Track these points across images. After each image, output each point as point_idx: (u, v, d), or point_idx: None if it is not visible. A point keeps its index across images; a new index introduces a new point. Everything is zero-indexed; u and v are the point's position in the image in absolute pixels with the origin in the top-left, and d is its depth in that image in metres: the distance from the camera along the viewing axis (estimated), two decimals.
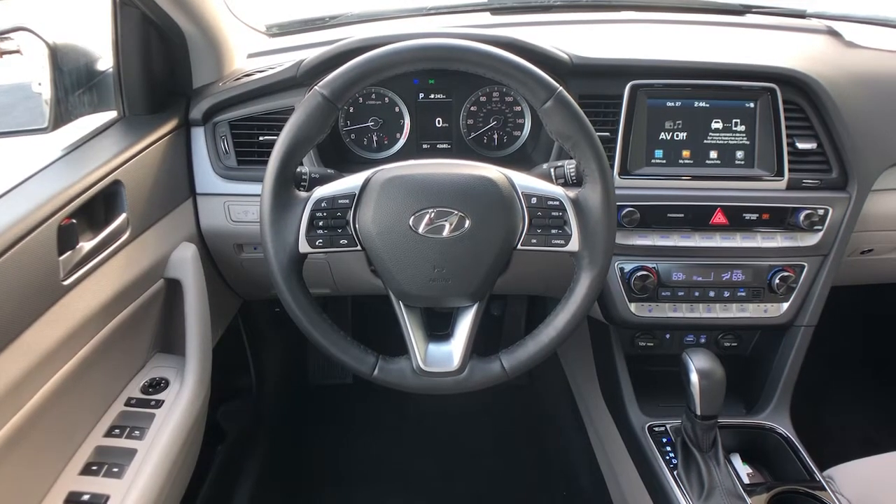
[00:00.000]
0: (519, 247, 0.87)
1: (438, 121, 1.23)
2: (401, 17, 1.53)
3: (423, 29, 1.43)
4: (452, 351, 0.90)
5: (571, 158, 0.91)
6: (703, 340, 1.27)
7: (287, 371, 1.81)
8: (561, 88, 0.85)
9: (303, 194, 0.87)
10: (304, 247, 0.86)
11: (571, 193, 0.87)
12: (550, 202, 0.86)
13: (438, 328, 0.94)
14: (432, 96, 1.22)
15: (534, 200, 0.87)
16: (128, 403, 0.99)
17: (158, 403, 0.99)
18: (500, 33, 1.16)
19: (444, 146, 1.23)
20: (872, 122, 1.19)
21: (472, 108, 1.22)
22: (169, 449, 0.93)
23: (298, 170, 0.94)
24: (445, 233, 0.85)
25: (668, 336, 1.26)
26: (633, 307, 1.15)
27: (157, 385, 1.03)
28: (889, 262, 1.35)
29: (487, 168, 0.88)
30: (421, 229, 0.85)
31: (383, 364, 0.90)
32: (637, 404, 1.20)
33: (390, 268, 0.87)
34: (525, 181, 0.88)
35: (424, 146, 1.23)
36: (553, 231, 0.86)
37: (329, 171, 1.01)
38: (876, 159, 1.18)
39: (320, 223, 0.86)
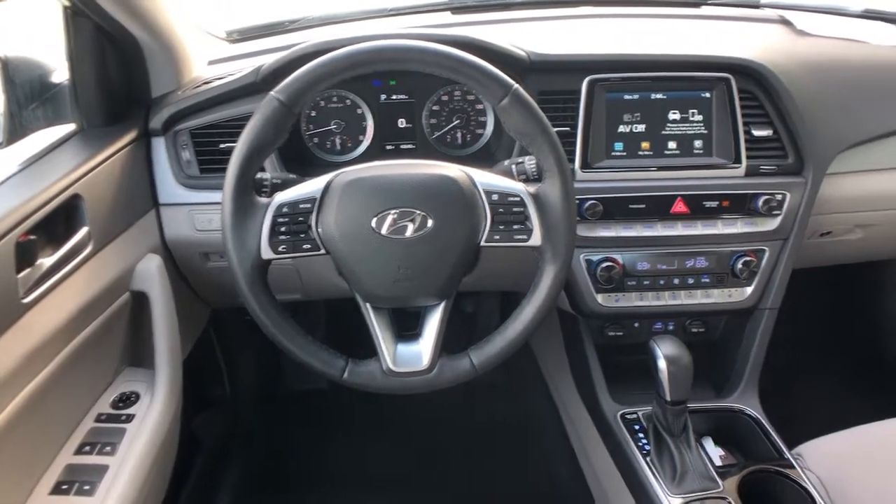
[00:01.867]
0: (483, 243, 0.88)
1: (401, 121, 1.23)
2: (362, 19, 1.53)
3: (384, 30, 1.43)
4: (421, 350, 0.91)
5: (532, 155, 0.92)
6: (671, 327, 1.29)
7: (262, 378, 1.80)
8: (516, 86, 0.86)
9: (264, 200, 0.87)
10: (266, 253, 0.86)
11: (532, 189, 0.89)
12: (511, 198, 0.88)
13: (407, 328, 0.95)
14: (394, 97, 1.22)
15: (495, 197, 0.88)
16: (98, 419, 0.98)
17: (129, 418, 0.98)
18: (459, 33, 1.17)
19: (409, 147, 1.24)
20: (824, 108, 1.22)
21: (434, 108, 1.23)
22: (142, 463, 0.93)
23: (259, 176, 0.94)
24: (409, 233, 0.85)
25: (636, 325, 1.28)
26: (600, 298, 1.17)
27: (128, 399, 1.02)
28: (847, 243, 1.38)
29: (448, 167, 0.89)
30: (384, 230, 0.85)
31: (353, 367, 0.90)
32: (609, 393, 1.22)
33: (355, 270, 0.87)
34: (486, 178, 0.89)
35: (388, 147, 1.24)
36: (515, 227, 0.88)
37: (291, 175, 1.01)
38: (829, 144, 1.21)
39: (282, 229, 0.86)
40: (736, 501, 1.01)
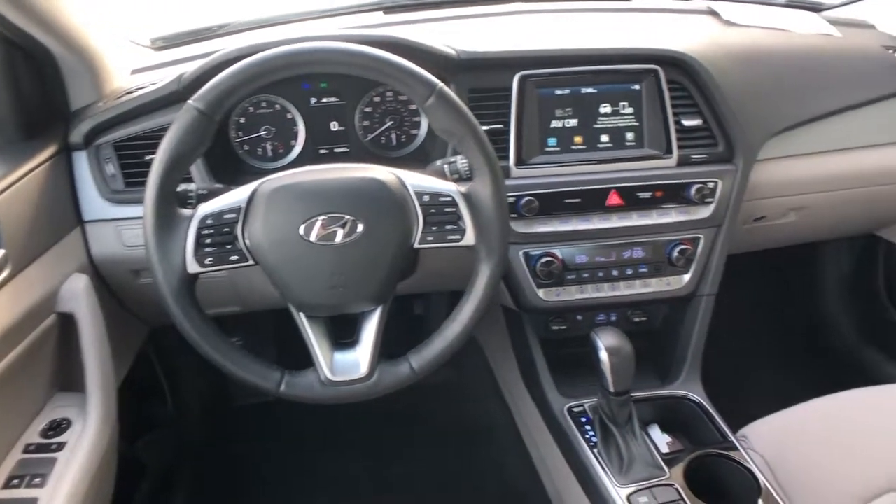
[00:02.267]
0: (416, 245, 0.87)
1: (334, 125, 1.21)
2: (292, 22, 1.50)
3: (315, 32, 1.41)
4: (360, 357, 0.89)
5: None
6: (613, 318, 1.30)
7: (208, 394, 1.76)
8: (441, 84, 0.85)
9: (187, 212, 0.85)
10: (193, 267, 0.83)
11: (463, 188, 0.88)
12: (442, 199, 0.87)
13: (347, 335, 0.93)
14: (325, 100, 1.21)
15: (426, 198, 0.87)
16: (26, 450, 0.93)
17: (60, 446, 0.94)
18: (390, 33, 1.16)
19: (342, 150, 1.22)
20: (751, 96, 1.24)
21: (366, 110, 1.21)
22: (75, 492, 0.89)
23: (184, 187, 0.91)
24: (339, 239, 0.84)
25: (579, 317, 1.28)
26: (541, 293, 1.17)
27: (58, 427, 0.98)
28: (781, 227, 1.41)
29: (377, 169, 0.88)
30: (313, 237, 0.84)
31: (290, 378, 0.89)
32: (555, 387, 1.22)
33: (286, 279, 0.86)
34: (416, 180, 0.88)
35: (322, 152, 1.22)
36: (448, 227, 0.87)
37: (218, 185, 0.98)
38: (757, 131, 1.24)
39: (208, 241, 0.84)
40: (682, 487, 1.02)
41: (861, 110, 1.36)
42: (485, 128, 1.11)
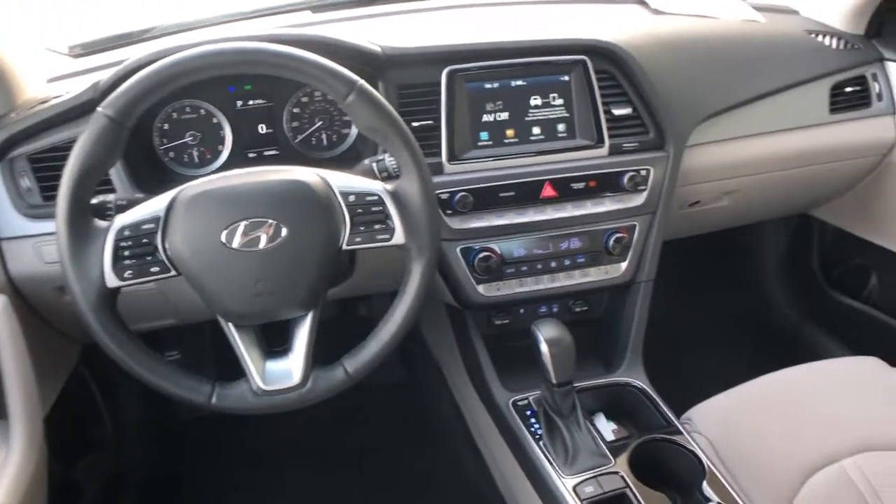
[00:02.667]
0: (345, 247, 0.86)
1: (261, 127, 1.19)
2: (219, 24, 1.47)
3: (241, 34, 1.38)
4: (292, 365, 0.88)
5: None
6: (555, 310, 1.30)
7: (149, 411, 1.70)
8: (361, 81, 0.84)
9: (103, 224, 0.82)
10: (111, 281, 0.80)
11: (390, 186, 0.87)
12: (369, 198, 0.85)
13: (281, 342, 0.91)
14: (251, 102, 1.18)
15: (352, 198, 0.85)
16: None
17: None
18: (318, 31, 1.14)
19: (272, 153, 1.19)
20: (679, 83, 1.26)
21: (294, 111, 1.19)
22: None
23: (102, 198, 0.88)
24: (262, 244, 0.82)
25: (522, 311, 1.28)
26: (481, 288, 1.17)
27: None
28: (716, 211, 1.44)
29: (300, 171, 0.86)
30: (235, 244, 0.81)
31: (220, 390, 0.86)
32: (499, 381, 1.22)
33: (211, 289, 0.83)
34: (341, 180, 0.86)
35: (251, 155, 1.19)
36: (376, 227, 0.86)
37: (139, 195, 0.95)
38: (686, 118, 1.26)
39: (126, 253, 0.81)
40: (627, 474, 1.03)
41: (787, 93, 1.39)
42: (415, 124, 1.12)
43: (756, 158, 1.39)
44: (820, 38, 1.50)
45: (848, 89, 1.46)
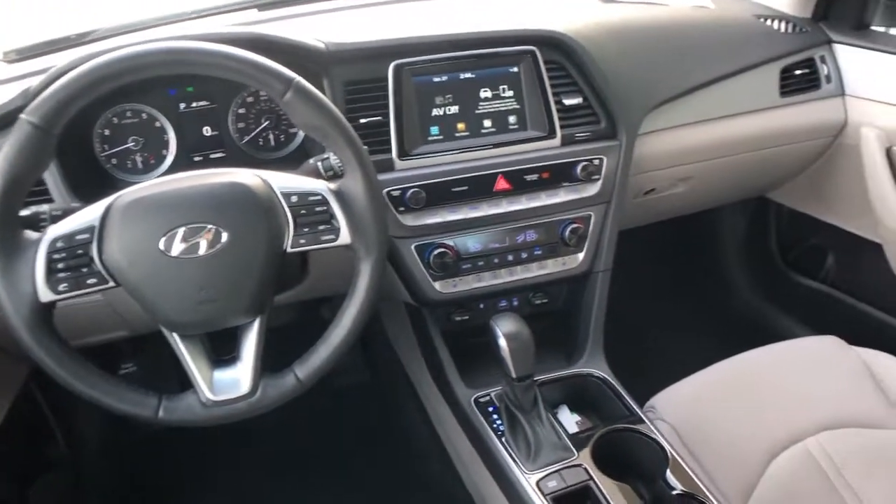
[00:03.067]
0: (289, 250, 0.83)
1: (206, 130, 1.15)
2: (161, 25, 1.43)
3: (186, 34, 1.34)
4: (241, 373, 0.85)
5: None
6: (515, 303, 1.29)
7: (105, 425, 1.66)
8: (298, 78, 0.81)
9: (34, 236, 0.78)
10: (46, 295, 0.77)
11: (333, 185, 0.85)
12: (312, 198, 0.83)
13: (230, 350, 0.89)
14: (194, 105, 1.14)
15: (294, 199, 0.83)
16: None
17: None
18: (263, 29, 1.11)
19: (218, 156, 1.16)
20: (629, 71, 1.25)
21: (240, 112, 1.16)
22: None
23: (35, 209, 0.85)
24: (202, 251, 0.79)
25: (481, 306, 1.27)
26: (437, 285, 1.15)
27: None
28: (672, 197, 1.44)
29: (239, 173, 0.83)
30: (174, 251, 0.78)
31: (168, 403, 0.84)
32: (461, 379, 1.21)
33: (151, 299, 0.80)
34: (283, 181, 0.84)
35: (197, 159, 1.16)
36: (321, 227, 0.84)
37: (75, 205, 0.91)
38: (637, 106, 1.25)
39: (60, 265, 0.77)
40: (591, 466, 1.02)
41: (737, 78, 1.40)
42: (363, 120, 1.10)
43: (709, 144, 1.39)
44: (768, 21, 1.51)
45: (797, 72, 1.47)
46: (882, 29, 1.54)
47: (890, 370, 1.23)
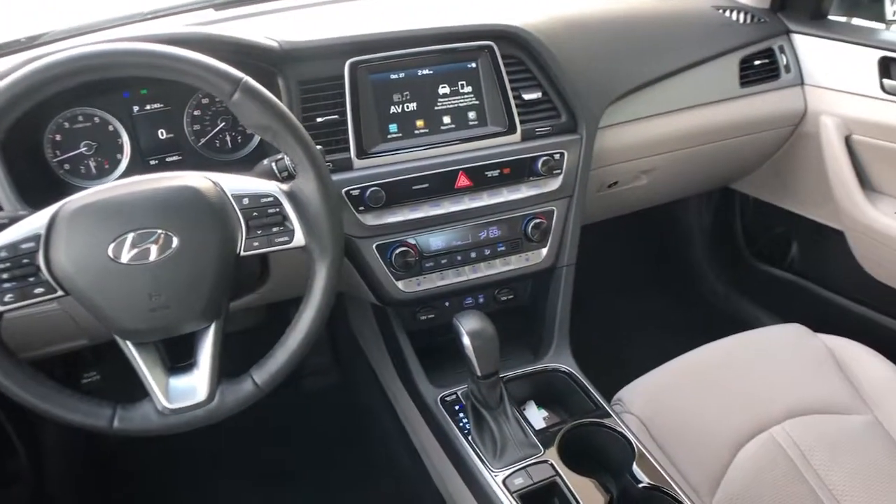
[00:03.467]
0: (243, 253, 0.82)
1: (162, 132, 1.13)
2: (115, 26, 1.40)
3: (140, 35, 1.32)
4: (198, 380, 0.84)
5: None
6: (481, 300, 1.29)
7: (69, 437, 1.62)
8: (246, 78, 0.80)
9: None
10: None
11: (286, 187, 0.83)
12: (264, 200, 0.82)
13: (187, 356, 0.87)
14: (148, 107, 1.12)
15: (246, 201, 0.82)
16: None
17: None
18: (218, 29, 1.09)
19: (175, 159, 1.14)
20: (588, 65, 1.25)
21: (195, 113, 1.14)
22: None
23: None
24: (153, 256, 0.77)
25: (447, 304, 1.26)
26: (401, 284, 1.14)
27: None
28: (635, 190, 1.45)
29: (189, 176, 0.81)
30: (124, 258, 0.77)
31: (123, 413, 0.82)
32: (427, 378, 1.20)
33: (102, 307, 0.78)
34: (235, 183, 0.83)
35: (152, 162, 1.13)
36: (274, 230, 0.82)
37: (22, 213, 0.89)
38: (597, 99, 1.25)
39: (5, 276, 0.75)
40: (557, 462, 1.02)
41: (697, 69, 1.41)
42: (320, 119, 1.08)
43: (671, 135, 1.40)
44: (727, 13, 1.52)
45: (757, 62, 1.48)
46: (839, 18, 1.56)
47: (854, 356, 1.25)
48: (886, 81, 1.36)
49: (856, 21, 1.54)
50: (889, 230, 1.39)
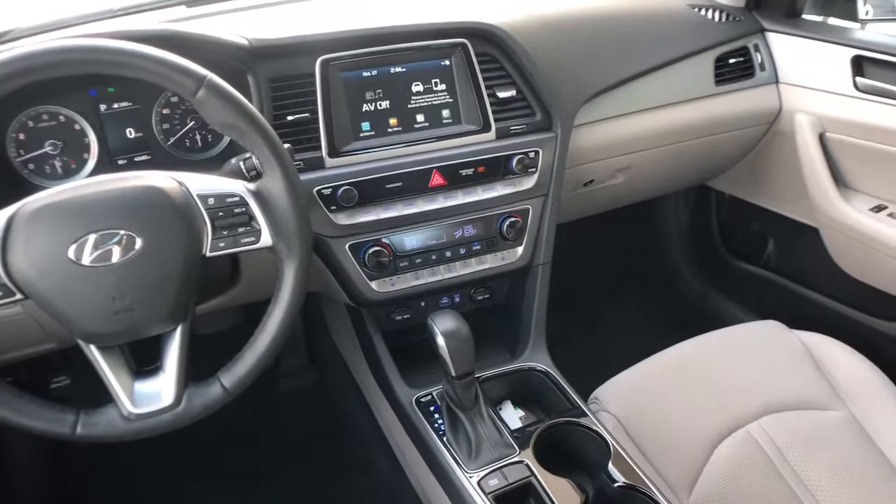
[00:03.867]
0: (208, 254, 0.80)
1: (130, 131, 1.11)
2: (84, 23, 1.37)
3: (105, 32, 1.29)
4: (164, 384, 0.82)
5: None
6: (457, 300, 1.28)
7: (36, 448, 1.59)
8: (210, 75, 0.78)
9: None
10: None
11: (252, 186, 0.82)
12: (230, 199, 0.80)
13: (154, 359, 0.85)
14: (116, 106, 1.10)
15: (211, 201, 0.80)
16: None
17: None
18: (179, 27, 1.07)
19: (144, 158, 1.12)
20: (563, 63, 1.25)
21: (164, 112, 1.12)
22: None
23: None
24: (116, 258, 0.75)
25: (422, 304, 1.25)
26: (374, 285, 1.12)
27: None
28: (611, 188, 1.45)
29: (154, 176, 0.80)
30: (86, 259, 0.75)
31: (86, 418, 0.80)
32: (402, 379, 1.19)
33: (64, 311, 0.76)
34: (200, 182, 0.81)
35: (121, 162, 1.11)
36: (241, 230, 0.81)
37: None
38: (572, 97, 1.25)
39: None
40: (533, 463, 1.01)
41: (673, 67, 1.41)
42: (291, 118, 1.07)
43: (646, 134, 1.40)
44: (702, 11, 1.52)
45: (732, 60, 1.49)
46: (813, 17, 1.57)
47: (829, 352, 1.26)
48: (859, 79, 1.37)
49: (829, 20, 1.55)
50: (862, 227, 1.40)
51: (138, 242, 0.76)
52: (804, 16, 1.57)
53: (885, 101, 1.33)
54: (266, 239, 0.82)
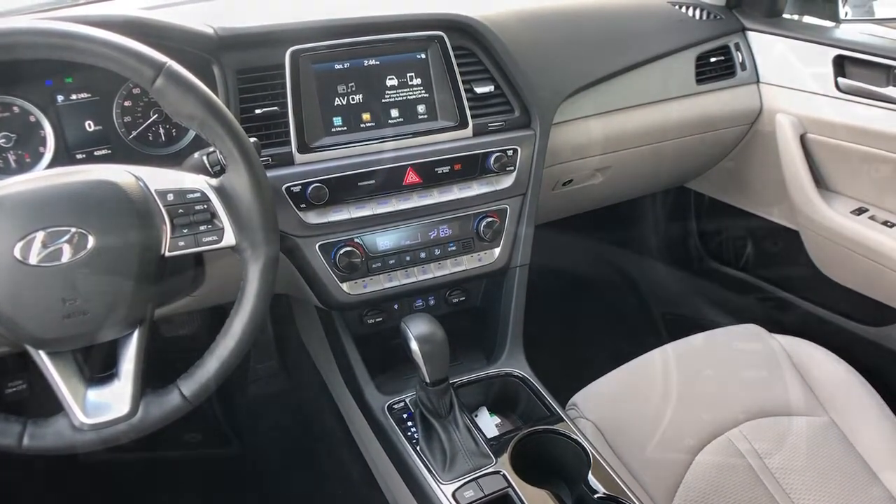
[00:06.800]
0: (167, 254, 0.76)
1: (89, 124, 1.05)
2: (46, 10, 1.31)
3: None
4: (119, 392, 0.77)
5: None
6: (432, 302, 1.24)
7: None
8: (169, 62, 0.73)
9: None
10: None
11: (215, 182, 0.77)
12: (191, 196, 0.76)
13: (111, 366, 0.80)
14: (74, 97, 1.04)
15: (171, 197, 0.75)
16: None
17: None
18: (153, 15, 1.01)
19: (104, 152, 1.06)
20: (542, 59, 1.22)
21: (125, 104, 1.06)
22: None
23: None
24: (66, 257, 0.71)
25: (396, 306, 1.21)
26: (345, 287, 1.08)
27: None
28: (589, 189, 1.42)
29: (109, 170, 0.75)
30: (33, 259, 0.70)
31: (34, 429, 0.75)
32: (374, 385, 1.14)
33: (9, 314, 0.71)
34: (159, 178, 0.76)
35: (79, 156, 1.05)
36: (202, 228, 0.76)
37: None
38: (551, 94, 1.22)
39: None
40: (510, 473, 0.97)
41: (653, 65, 1.39)
42: (259, 111, 1.02)
43: (626, 132, 1.37)
44: (683, 9, 1.50)
45: (713, 59, 1.47)
46: (793, 16, 1.55)
47: (810, 357, 1.25)
48: (841, 80, 1.36)
49: (810, 19, 1.54)
50: (843, 230, 1.39)
51: (90, 241, 0.71)
52: (785, 15, 1.55)
53: (867, 102, 1.32)
54: (229, 238, 0.77)
